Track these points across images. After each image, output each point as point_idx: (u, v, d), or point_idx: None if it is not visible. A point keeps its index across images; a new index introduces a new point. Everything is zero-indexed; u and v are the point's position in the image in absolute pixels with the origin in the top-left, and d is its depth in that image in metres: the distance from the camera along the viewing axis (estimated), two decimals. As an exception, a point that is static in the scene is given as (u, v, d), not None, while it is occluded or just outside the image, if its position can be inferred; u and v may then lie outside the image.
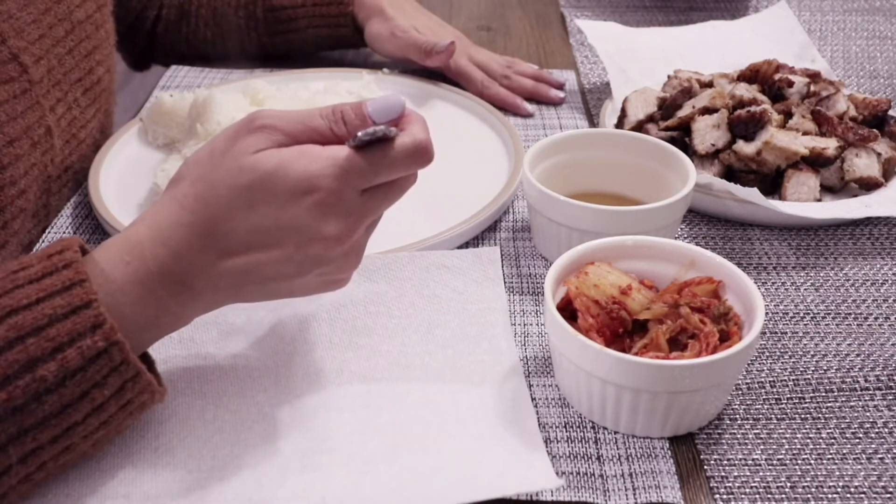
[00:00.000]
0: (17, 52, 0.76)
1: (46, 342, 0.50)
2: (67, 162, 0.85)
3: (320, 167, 0.53)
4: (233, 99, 0.89)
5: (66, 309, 0.50)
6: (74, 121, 0.85)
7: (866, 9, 1.26)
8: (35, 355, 0.50)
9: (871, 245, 0.80)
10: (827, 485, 0.58)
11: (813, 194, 0.82)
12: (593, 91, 1.05)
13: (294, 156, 0.53)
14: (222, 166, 0.54)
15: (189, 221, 0.53)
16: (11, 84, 0.75)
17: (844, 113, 0.87)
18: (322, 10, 1.07)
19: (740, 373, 0.62)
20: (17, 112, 0.75)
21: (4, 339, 0.49)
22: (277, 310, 0.69)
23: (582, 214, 0.71)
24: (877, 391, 0.65)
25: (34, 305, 0.50)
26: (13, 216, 0.75)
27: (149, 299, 0.53)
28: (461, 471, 0.56)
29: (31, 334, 0.50)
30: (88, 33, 0.87)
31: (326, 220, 0.54)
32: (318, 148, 0.54)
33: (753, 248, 0.79)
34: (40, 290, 0.51)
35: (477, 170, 0.89)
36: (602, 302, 0.62)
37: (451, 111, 1.00)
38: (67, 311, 0.50)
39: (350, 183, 0.54)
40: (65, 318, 0.50)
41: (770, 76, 0.90)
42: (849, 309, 0.72)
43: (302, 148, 0.54)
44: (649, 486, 0.57)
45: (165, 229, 0.54)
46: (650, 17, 1.23)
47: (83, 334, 0.50)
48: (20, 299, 0.51)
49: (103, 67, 0.91)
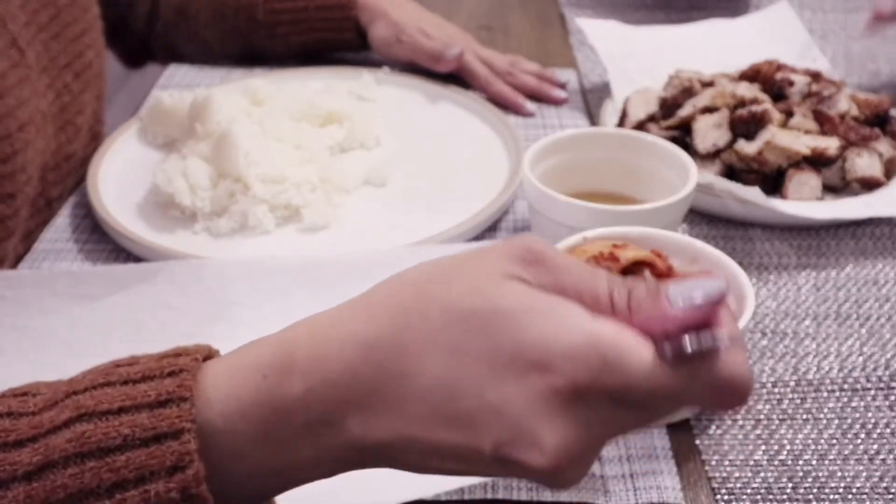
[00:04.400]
0: (15, 36, 0.75)
1: (107, 472, 0.37)
2: (65, 150, 0.84)
3: (575, 346, 0.36)
4: (232, 98, 0.89)
5: (147, 432, 0.38)
6: (67, 107, 0.85)
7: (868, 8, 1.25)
8: (118, 477, 0.37)
9: (873, 245, 0.80)
10: (829, 486, 0.57)
11: (814, 194, 0.82)
12: (594, 91, 1.05)
13: (554, 310, 0.37)
14: (451, 278, 0.39)
15: (370, 338, 0.38)
16: (16, 69, 0.74)
17: (846, 112, 0.87)
18: (324, 13, 1.06)
19: None
20: (24, 97, 0.75)
21: (63, 451, 0.38)
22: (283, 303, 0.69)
23: (583, 214, 0.71)
24: (878, 392, 0.64)
25: (113, 416, 0.38)
26: (22, 204, 0.75)
27: (274, 435, 0.39)
28: None
29: (94, 455, 0.38)
30: (75, 16, 0.86)
31: (552, 421, 0.36)
32: (596, 320, 0.37)
33: (755, 247, 0.79)
34: (127, 396, 0.39)
35: (477, 170, 0.89)
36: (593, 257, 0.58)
37: (452, 111, 0.99)
38: (149, 436, 0.38)
39: (607, 386, 0.36)
40: (142, 446, 0.38)
41: (771, 76, 0.90)
42: (850, 309, 0.72)
43: (572, 308, 0.38)
44: (650, 487, 0.56)
45: (333, 341, 0.39)
46: (651, 16, 1.23)
47: (156, 473, 0.37)
48: (100, 401, 0.39)
49: (93, 51, 0.90)
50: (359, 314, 0.39)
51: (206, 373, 0.40)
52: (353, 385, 0.38)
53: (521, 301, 0.37)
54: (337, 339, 0.39)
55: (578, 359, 0.36)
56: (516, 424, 0.36)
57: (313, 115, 0.92)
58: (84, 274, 0.71)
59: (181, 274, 0.71)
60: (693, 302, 0.37)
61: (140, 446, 0.38)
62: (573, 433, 0.36)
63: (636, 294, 0.38)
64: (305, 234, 0.80)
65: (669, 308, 0.37)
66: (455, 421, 0.37)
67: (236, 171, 0.80)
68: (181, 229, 0.79)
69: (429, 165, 0.90)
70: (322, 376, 0.38)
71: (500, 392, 0.36)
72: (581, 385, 0.36)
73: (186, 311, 0.68)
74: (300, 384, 0.38)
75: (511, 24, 1.25)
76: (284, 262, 0.73)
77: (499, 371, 0.36)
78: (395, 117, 0.97)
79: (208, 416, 0.39)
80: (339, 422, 0.38)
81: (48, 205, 0.83)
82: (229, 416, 0.39)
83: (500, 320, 0.37)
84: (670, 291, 0.38)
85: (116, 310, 0.68)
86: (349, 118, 0.92)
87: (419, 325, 0.38)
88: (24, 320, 0.67)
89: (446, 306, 0.38)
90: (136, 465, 0.37)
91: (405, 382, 0.37)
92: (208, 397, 0.39)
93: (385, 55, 1.06)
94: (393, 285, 0.40)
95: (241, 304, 0.68)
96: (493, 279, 0.38)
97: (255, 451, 0.39)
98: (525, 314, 0.37)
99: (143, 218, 0.80)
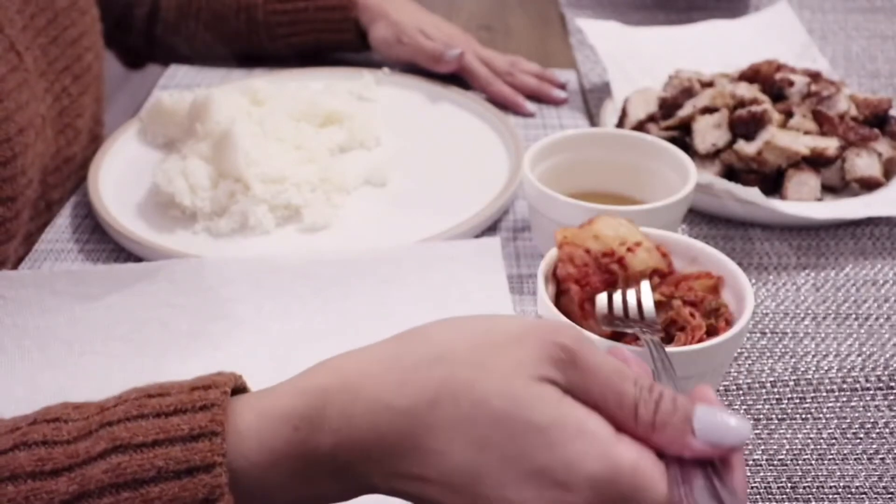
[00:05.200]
0: (13, 40, 0.75)
1: (141, 502, 0.39)
2: (65, 153, 0.84)
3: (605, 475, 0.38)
4: (232, 98, 0.89)
5: (181, 465, 0.39)
6: (66, 110, 0.85)
7: (867, 8, 1.25)
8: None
9: (873, 245, 0.80)
10: (828, 485, 0.57)
11: (814, 194, 0.82)
12: (593, 91, 1.05)
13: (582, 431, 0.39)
14: (485, 366, 0.40)
15: (400, 408, 0.40)
16: (15, 73, 0.74)
17: (845, 113, 0.87)
18: (324, 14, 1.07)
19: (724, 366, 0.62)
20: (23, 101, 0.75)
21: (99, 481, 0.39)
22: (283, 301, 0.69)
23: (583, 214, 0.71)
24: (877, 391, 0.64)
25: (148, 448, 0.40)
26: (22, 206, 0.75)
27: (302, 478, 0.41)
28: None
29: (129, 486, 0.39)
30: (73, 20, 0.86)
31: None
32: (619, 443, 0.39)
33: (754, 247, 0.79)
34: (161, 430, 0.40)
35: (477, 170, 0.89)
36: (595, 252, 0.57)
37: (452, 111, 0.99)
38: (182, 468, 0.39)
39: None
40: (175, 478, 0.39)
41: (771, 76, 0.90)
42: (850, 309, 0.72)
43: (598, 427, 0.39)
44: (649, 487, 0.56)
45: (363, 401, 0.41)
46: (651, 16, 1.23)
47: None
48: (135, 433, 0.40)
49: (92, 54, 0.90)
50: (389, 375, 0.41)
51: (236, 410, 0.42)
52: (379, 446, 0.40)
53: (551, 417, 0.39)
54: (367, 400, 0.41)
55: (598, 487, 0.38)
56: None
57: (313, 116, 0.92)
58: (84, 273, 0.71)
59: (181, 273, 0.71)
60: (720, 443, 0.40)
61: (173, 478, 0.39)
62: None
63: (662, 410, 0.40)
64: (305, 234, 0.80)
65: (693, 439, 0.40)
66: (472, 500, 0.39)
67: (236, 171, 0.80)
68: (181, 229, 0.79)
69: (429, 165, 0.90)
70: (350, 433, 0.40)
71: (521, 494, 0.38)
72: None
73: (187, 309, 0.68)
74: (329, 440, 0.41)
75: (511, 24, 1.25)
76: (284, 260, 0.73)
77: (522, 476, 0.39)
78: (395, 117, 0.97)
79: (240, 451, 0.40)
80: (363, 474, 0.41)
81: (48, 207, 0.84)
82: (260, 465, 0.41)
83: (532, 434, 0.39)
84: (698, 421, 0.40)
85: (117, 309, 0.68)
86: (349, 118, 0.93)
87: (448, 410, 0.39)
88: (24, 319, 0.67)
89: (477, 400, 0.39)
90: (170, 496, 0.39)
91: (429, 457, 0.40)
92: (239, 432, 0.41)
93: (385, 55, 1.06)
94: (426, 353, 0.41)
95: (241, 303, 0.69)
96: (526, 382, 0.40)
97: (283, 491, 0.41)
98: (555, 431, 0.39)
99: (144, 218, 0.80)
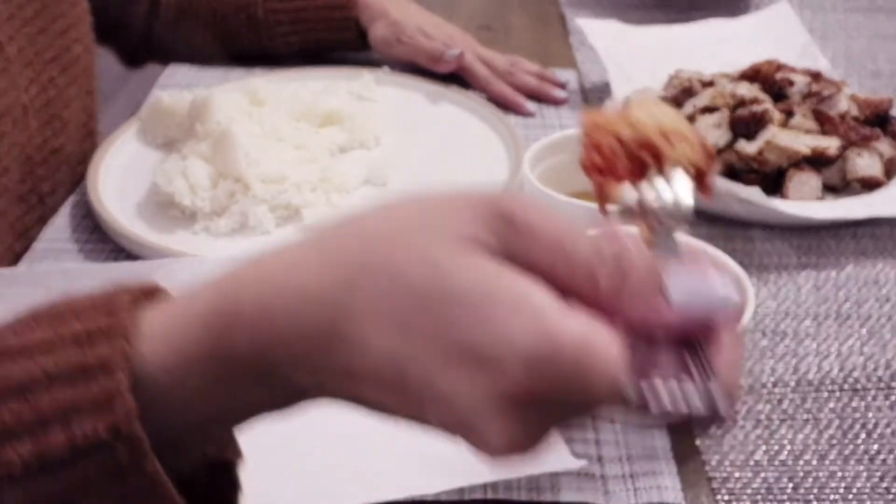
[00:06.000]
0: None
1: (29, 411, 0.35)
2: (52, 144, 0.84)
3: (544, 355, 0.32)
4: (232, 98, 0.89)
5: (74, 368, 0.35)
6: (53, 101, 0.85)
7: (868, 7, 1.25)
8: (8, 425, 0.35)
9: (874, 245, 0.80)
10: (829, 486, 0.57)
11: (815, 194, 0.82)
12: (594, 91, 1.05)
13: (518, 302, 0.33)
14: (405, 236, 0.35)
15: (318, 295, 0.35)
16: None
17: (846, 112, 0.87)
18: (324, 13, 1.06)
19: None
20: (1, 88, 0.75)
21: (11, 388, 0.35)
22: None
23: (583, 214, 0.71)
24: (879, 392, 0.64)
25: (37, 353, 0.36)
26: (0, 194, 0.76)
27: (222, 389, 0.36)
28: None
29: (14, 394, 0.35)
30: (62, 11, 0.86)
31: (500, 420, 0.33)
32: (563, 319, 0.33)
33: (755, 247, 0.79)
34: (56, 333, 0.36)
35: (477, 170, 0.88)
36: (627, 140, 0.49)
37: (452, 111, 0.99)
38: (75, 371, 0.35)
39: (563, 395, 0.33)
40: (67, 382, 0.35)
41: (771, 75, 0.90)
42: (851, 309, 0.72)
43: (538, 298, 0.33)
44: (650, 487, 0.56)
45: (280, 296, 0.35)
46: (651, 16, 1.22)
47: (82, 411, 0.34)
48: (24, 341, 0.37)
49: (81, 46, 0.90)
50: (307, 261, 0.36)
51: (140, 314, 0.37)
52: (299, 339, 0.35)
53: (478, 286, 0.33)
54: (282, 287, 0.35)
55: (534, 367, 0.32)
56: (465, 419, 0.33)
57: (313, 115, 0.92)
58: (80, 271, 0.71)
59: (181, 272, 0.71)
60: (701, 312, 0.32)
61: (65, 382, 0.35)
62: (522, 431, 0.34)
63: (629, 280, 0.33)
64: (305, 235, 0.79)
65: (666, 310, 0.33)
66: (403, 398, 0.34)
67: (236, 171, 0.80)
68: (181, 229, 0.79)
69: (429, 165, 0.90)
70: (267, 328, 0.35)
71: (451, 385, 0.33)
72: (535, 393, 0.33)
73: None
74: (245, 336, 0.35)
75: (511, 24, 1.25)
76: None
77: (451, 362, 0.33)
78: (395, 117, 0.97)
79: (144, 354, 0.35)
80: (288, 376, 0.36)
81: (41, 200, 0.83)
82: (170, 368, 0.36)
83: (457, 308, 0.33)
84: (672, 286, 0.33)
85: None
86: (349, 118, 0.92)
87: (368, 291, 0.34)
88: None
89: (394, 274, 0.34)
90: (60, 403, 0.34)
91: (353, 347, 0.34)
92: (143, 333, 0.36)
93: (385, 55, 1.06)
94: (348, 232, 0.37)
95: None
96: (450, 248, 0.33)
97: (203, 400, 0.36)
98: (483, 303, 0.32)
99: (143, 218, 0.80)
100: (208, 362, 0.36)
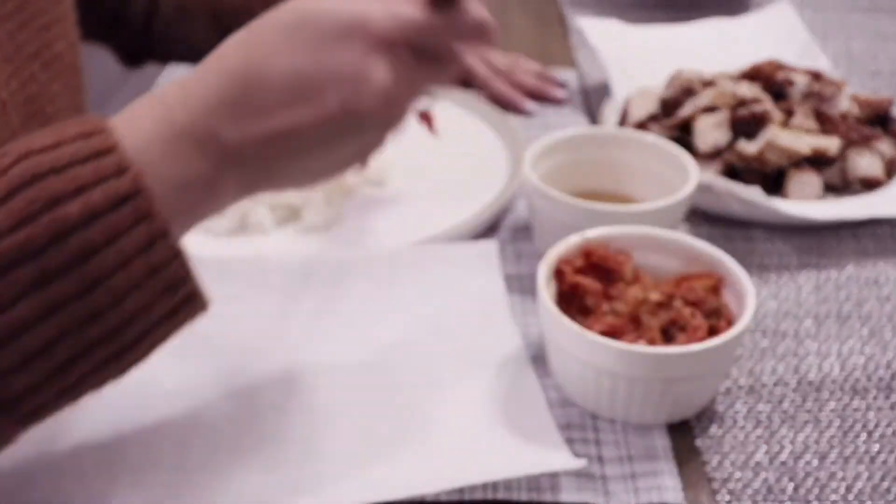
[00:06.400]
0: None
1: (68, 181, 0.45)
2: None
3: (378, 9, 0.50)
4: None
5: (87, 152, 0.46)
6: (35, 97, 0.85)
7: (869, 7, 1.25)
8: (57, 193, 0.45)
9: (874, 245, 0.80)
10: (830, 486, 0.57)
11: (815, 194, 0.82)
12: (594, 91, 1.05)
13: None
14: (275, 11, 0.51)
15: (226, 68, 0.49)
16: None
17: (847, 112, 0.87)
18: None
19: (726, 366, 0.62)
20: None
21: (22, 176, 0.45)
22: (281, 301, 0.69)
23: (583, 214, 0.71)
24: (880, 392, 0.64)
25: (52, 149, 0.46)
26: None
27: (176, 155, 0.49)
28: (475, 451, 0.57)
29: (51, 173, 0.45)
30: (44, 8, 0.86)
31: (377, 67, 0.49)
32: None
33: (755, 247, 0.79)
34: (58, 137, 0.47)
35: (477, 170, 0.88)
36: None
37: (452, 110, 0.99)
38: (89, 154, 0.46)
39: (406, 32, 0.50)
40: (86, 161, 0.46)
41: (772, 75, 0.90)
42: (852, 309, 0.72)
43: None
44: (650, 487, 0.56)
45: (200, 79, 0.50)
46: (651, 15, 1.22)
47: (107, 177, 0.46)
48: (36, 143, 0.47)
49: (64, 41, 0.90)
50: (212, 59, 0.50)
51: (107, 119, 0.48)
52: (224, 106, 0.48)
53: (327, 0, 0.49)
54: (202, 77, 0.49)
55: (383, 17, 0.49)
56: (353, 76, 0.48)
57: (313, 115, 0.91)
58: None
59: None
60: None
61: (84, 161, 0.45)
62: (392, 75, 0.49)
63: None
64: (305, 234, 0.79)
65: None
66: (308, 97, 0.48)
67: (236, 171, 0.79)
68: (180, 229, 0.79)
69: (429, 165, 0.90)
70: (198, 101, 0.48)
71: (334, 59, 0.48)
72: (389, 37, 0.49)
73: None
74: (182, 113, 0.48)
75: (511, 23, 1.25)
76: (283, 260, 0.73)
77: (327, 44, 0.48)
78: (395, 117, 0.97)
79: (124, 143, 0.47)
80: (221, 138, 0.48)
81: None
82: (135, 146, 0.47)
83: (319, 13, 0.49)
84: None
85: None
86: (349, 118, 0.92)
87: (258, 47, 0.49)
88: None
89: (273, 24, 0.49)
90: (88, 173, 0.45)
91: (263, 82, 0.48)
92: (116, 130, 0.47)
93: None
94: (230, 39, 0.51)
95: (239, 302, 0.68)
96: None
97: (161, 171, 0.48)
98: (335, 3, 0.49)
99: (143, 218, 0.80)
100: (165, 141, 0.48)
